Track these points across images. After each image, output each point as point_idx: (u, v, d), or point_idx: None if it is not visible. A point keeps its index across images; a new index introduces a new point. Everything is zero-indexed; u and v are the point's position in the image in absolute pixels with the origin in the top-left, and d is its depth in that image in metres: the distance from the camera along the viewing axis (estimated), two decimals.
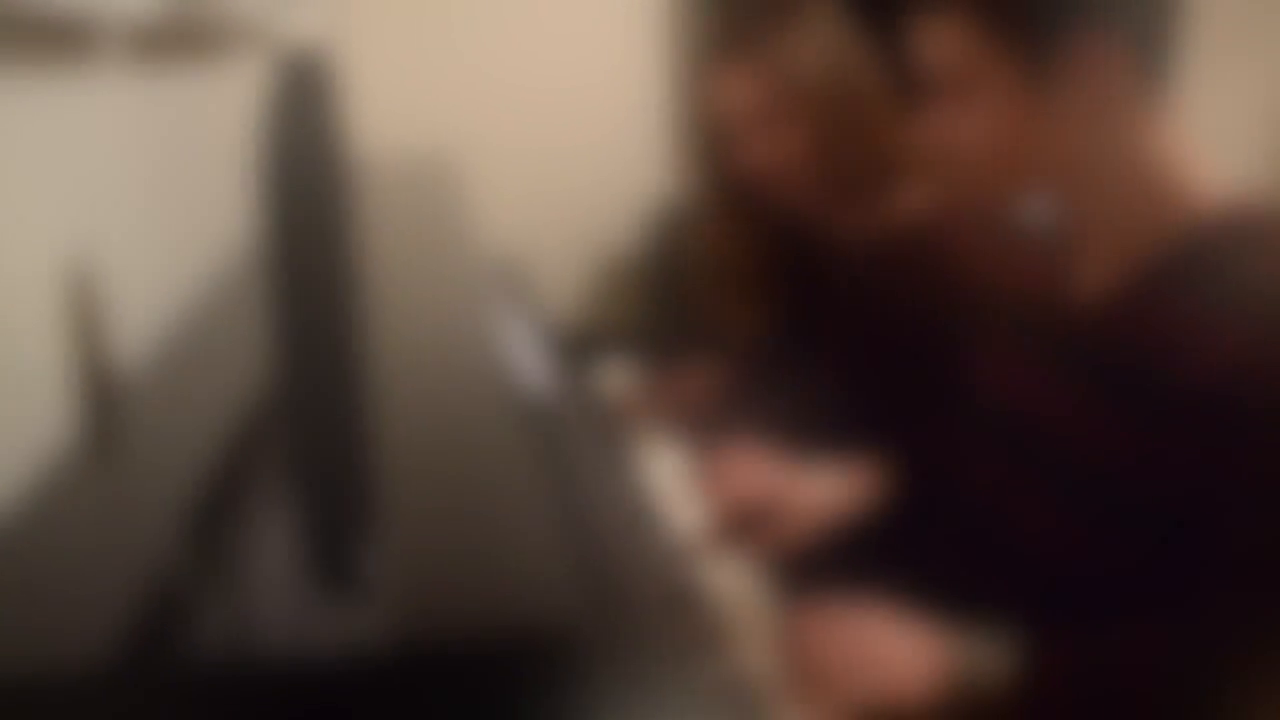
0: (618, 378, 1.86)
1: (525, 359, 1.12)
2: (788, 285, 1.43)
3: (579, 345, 1.90)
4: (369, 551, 0.54)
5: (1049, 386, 1.01)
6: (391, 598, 0.50)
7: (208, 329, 0.94)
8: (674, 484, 1.41)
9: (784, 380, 1.68)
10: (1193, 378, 0.86)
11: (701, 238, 1.48)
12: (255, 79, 1.43)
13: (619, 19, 2.54)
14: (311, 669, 0.45)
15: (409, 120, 2.53)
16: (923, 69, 0.95)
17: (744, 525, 1.19)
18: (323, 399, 0.74)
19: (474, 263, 1.14)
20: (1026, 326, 1.08)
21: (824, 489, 1.22)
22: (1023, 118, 0.92)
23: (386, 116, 2.04)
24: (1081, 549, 0.96)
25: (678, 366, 1.70)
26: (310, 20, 1.84)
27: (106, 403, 0.74)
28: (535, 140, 2.74)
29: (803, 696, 0.91)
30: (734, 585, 1.14)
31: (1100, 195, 0.94)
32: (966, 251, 1.33)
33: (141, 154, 0.90)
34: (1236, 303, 0.86)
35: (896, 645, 0.92)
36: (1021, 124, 0.92)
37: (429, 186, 1.70)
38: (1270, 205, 0.91)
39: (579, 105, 2.73)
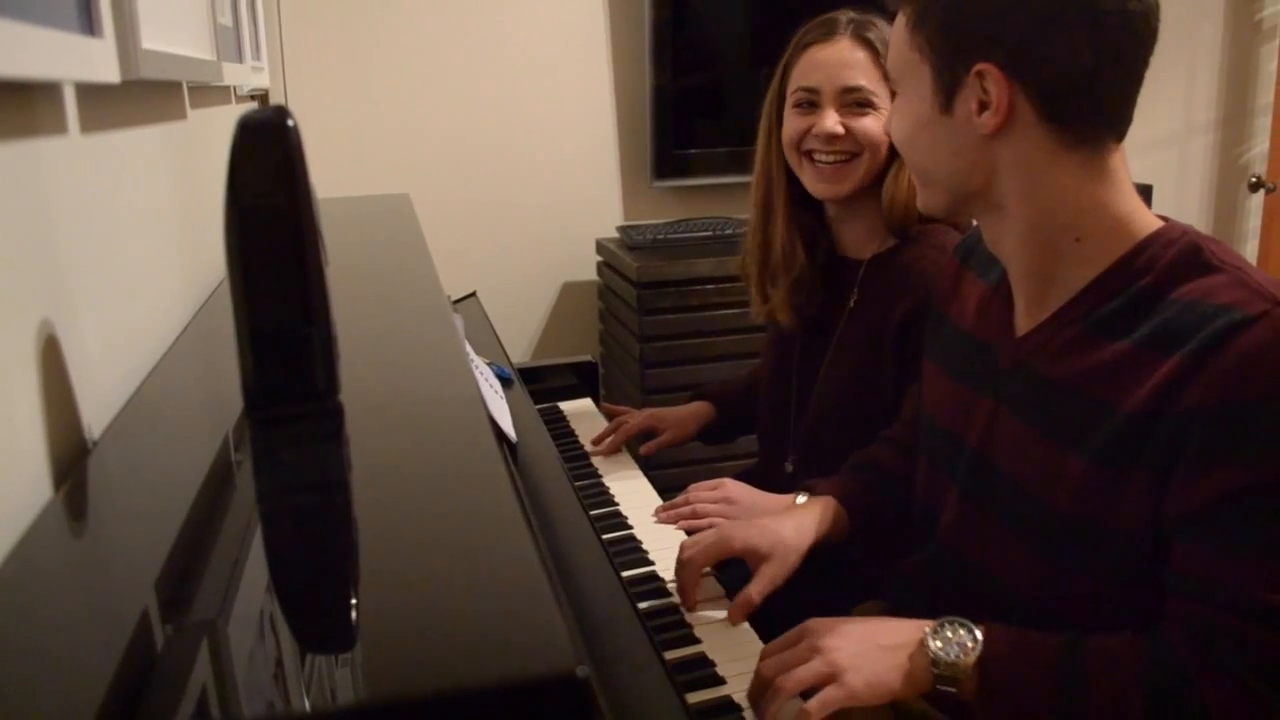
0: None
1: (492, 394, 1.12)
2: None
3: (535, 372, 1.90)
4: (353, 603, 0.53)
5: (990, 414, 1.02)
6: (377, 650, 0.49)
7: (172, 386, 0.93)
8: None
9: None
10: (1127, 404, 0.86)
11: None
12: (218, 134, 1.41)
13: None
14: None
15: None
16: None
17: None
18: (295, 444, 0.73)
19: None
20: (972, 356, 1.08)
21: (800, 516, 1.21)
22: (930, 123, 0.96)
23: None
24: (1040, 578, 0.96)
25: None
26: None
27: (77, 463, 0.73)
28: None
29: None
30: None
31: (1023, 224, 0.95)
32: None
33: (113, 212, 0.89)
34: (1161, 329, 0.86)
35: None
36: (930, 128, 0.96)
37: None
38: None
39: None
